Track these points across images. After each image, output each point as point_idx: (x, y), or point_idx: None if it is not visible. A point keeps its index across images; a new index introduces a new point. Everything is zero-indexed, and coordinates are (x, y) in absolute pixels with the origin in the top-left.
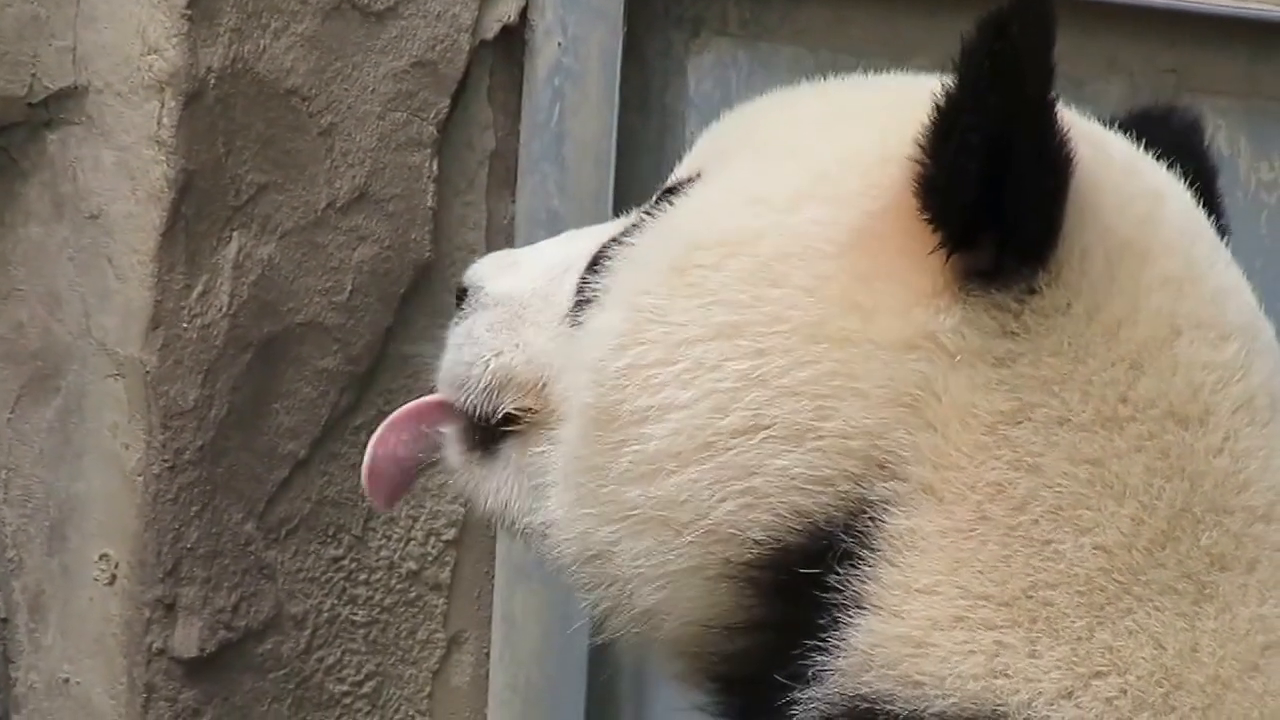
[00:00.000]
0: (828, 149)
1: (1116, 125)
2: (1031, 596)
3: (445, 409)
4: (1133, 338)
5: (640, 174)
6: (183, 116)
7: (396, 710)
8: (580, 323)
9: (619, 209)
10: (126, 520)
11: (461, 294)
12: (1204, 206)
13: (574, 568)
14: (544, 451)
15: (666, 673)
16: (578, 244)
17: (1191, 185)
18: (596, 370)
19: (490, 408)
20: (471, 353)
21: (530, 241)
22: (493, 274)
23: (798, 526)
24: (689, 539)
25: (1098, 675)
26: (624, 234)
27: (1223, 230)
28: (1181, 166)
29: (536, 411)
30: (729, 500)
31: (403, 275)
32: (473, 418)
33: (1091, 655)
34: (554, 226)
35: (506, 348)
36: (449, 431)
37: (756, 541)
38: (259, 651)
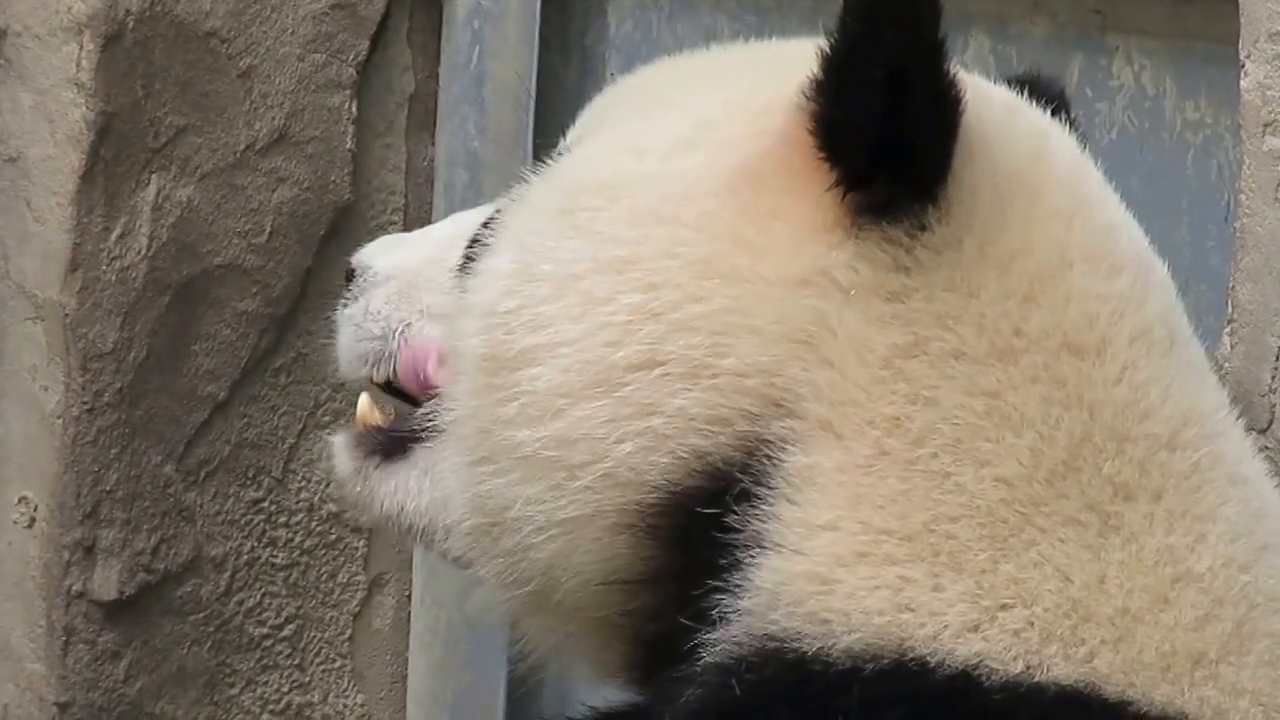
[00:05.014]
0: (709, 101)
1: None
2: (933, 530)
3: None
4: (1025, 271)
5: (560, 115)
6: (101, 59)
7: (317, 653)
8: (470, 271)
9: (539, 151)
10: (45, 463)
11: (350, 275)
12: None
13: (471, 541)
14: (442, 415)
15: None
16: (465, 220)
17: None
18: (486, 314)
19: (416, 383)
20: (379, 326)
21: (449, 184)
22: (380, 252)
23: (697, 469)
24: (584, 483)
25: (1003, 608)
26: (511, 201)
27: None
28: None
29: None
30: (628, 441)
31: (322, 217)
32: (391, 389)
33: (996, 588)
34: (473, 168)
35: (413, 318)
36: (338, 440)
37: (655, 486)
38: (178, 594)
